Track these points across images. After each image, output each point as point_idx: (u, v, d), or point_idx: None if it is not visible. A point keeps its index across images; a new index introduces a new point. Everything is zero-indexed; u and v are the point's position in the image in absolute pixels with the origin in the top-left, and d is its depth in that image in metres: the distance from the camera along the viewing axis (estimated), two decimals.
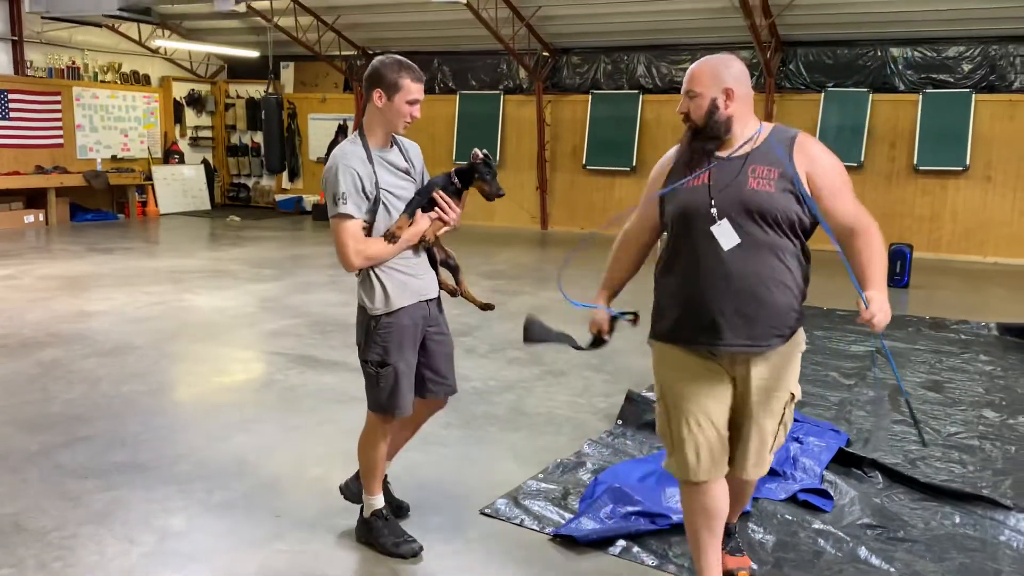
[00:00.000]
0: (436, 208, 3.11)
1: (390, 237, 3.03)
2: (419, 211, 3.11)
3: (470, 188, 3.18)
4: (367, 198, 3.03)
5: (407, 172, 3.16)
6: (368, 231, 3.06)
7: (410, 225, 3.07)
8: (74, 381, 5.39)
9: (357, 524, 3.37)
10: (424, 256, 3.19)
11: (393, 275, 3.10)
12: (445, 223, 3.12)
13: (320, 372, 5.70)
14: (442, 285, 3.32)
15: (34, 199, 13.39)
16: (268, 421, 4.75)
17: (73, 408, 4.88)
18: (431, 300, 3.21)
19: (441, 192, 3.11)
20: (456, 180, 3.15)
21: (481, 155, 3.15)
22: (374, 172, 3.04)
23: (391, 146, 3.15)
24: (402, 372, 3.11)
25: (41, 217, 13.36)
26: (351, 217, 2.99)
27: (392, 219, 3.07)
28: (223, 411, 4.94)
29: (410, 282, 3.13)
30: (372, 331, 3.11)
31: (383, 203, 3.06)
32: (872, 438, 4.58)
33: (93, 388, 5.26)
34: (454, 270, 3.39)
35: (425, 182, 3.21)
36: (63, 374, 5.53)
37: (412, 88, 3.01)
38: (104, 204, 14.74)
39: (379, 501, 3.31)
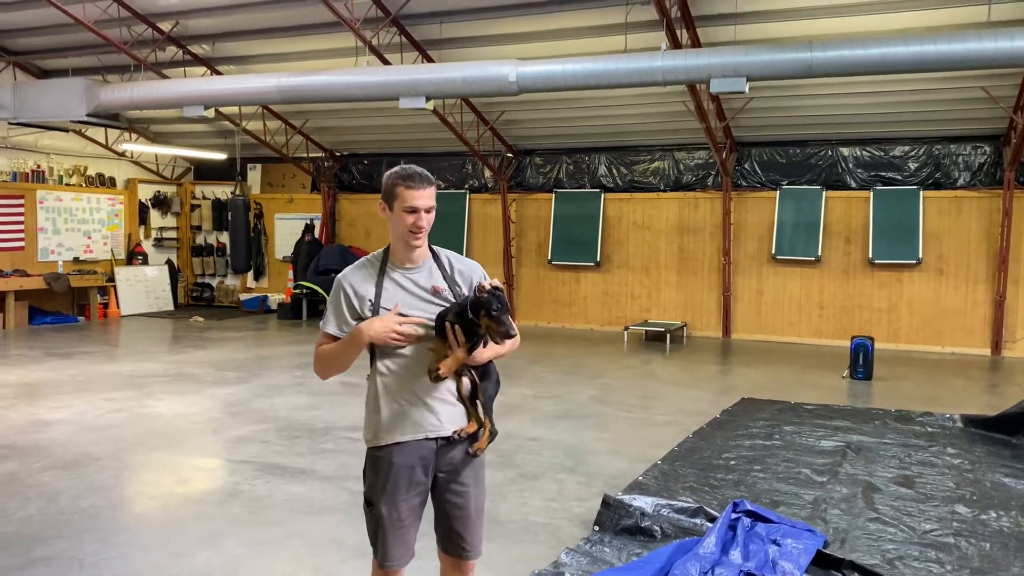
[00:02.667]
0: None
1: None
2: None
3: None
4: (359, 317, 2.74)
5: (435, 292, 2.78)
6: (372, 349, 2.78)
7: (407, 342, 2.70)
8: (31, 496, 5.18)
9: None
10: (440, 385, 2.75)
11: (391, 401, 2.76)
12: (444, 355, 2.70)
13: (287, 481, 5.56)
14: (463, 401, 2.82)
15: None
16: (234, 535, 4.59)
17: (29, 526, 4.68)
18: (444, 440, 2.77)
19: (451, 324, 2.69)
20: (471, 313, 2.69)
21: (488, 286, 2.71)
22: (379, 291, 2.75)
23: (421, 262, 2.82)
24: (387, 520, 2.74)
25: None
26: (328, 335, 2.81)
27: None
28: (187, 525, 4.77)
29: (410, 412, 2.74)
30: (366, 461, 2.82)
31: None
32: (848, 538, 4.56)
33: (51, 503, 5.06)
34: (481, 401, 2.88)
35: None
36: (19, 489, 5.33)
37: (407, 195, 2.68)
38: (64, 307, 14.52)
39: None
